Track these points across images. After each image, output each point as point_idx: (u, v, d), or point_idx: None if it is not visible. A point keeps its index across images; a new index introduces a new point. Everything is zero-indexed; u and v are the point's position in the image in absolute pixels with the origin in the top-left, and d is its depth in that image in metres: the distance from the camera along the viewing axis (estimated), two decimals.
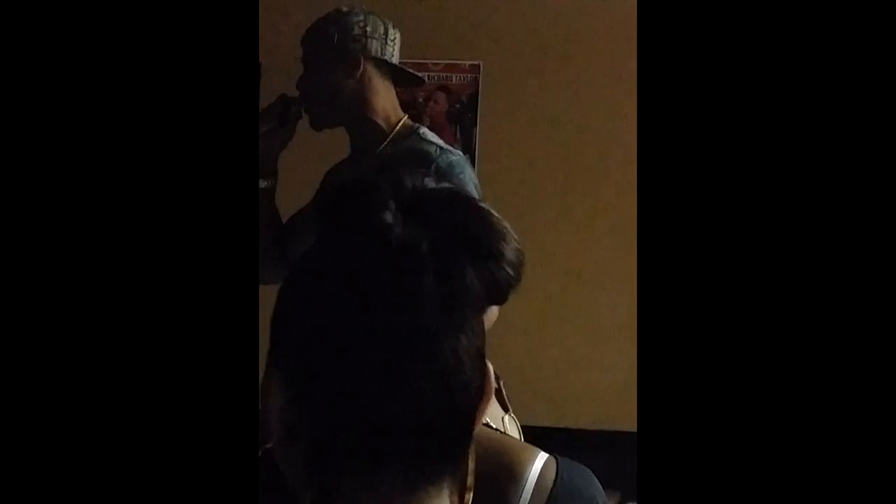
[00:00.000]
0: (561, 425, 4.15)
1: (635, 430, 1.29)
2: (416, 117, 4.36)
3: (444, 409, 1.01)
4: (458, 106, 4.40)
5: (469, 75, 4.40)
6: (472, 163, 4.36)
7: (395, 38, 2.98)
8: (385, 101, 2.99)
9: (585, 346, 4.28)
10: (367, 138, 2.97)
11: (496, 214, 1.03)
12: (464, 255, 0.99)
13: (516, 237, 1.03)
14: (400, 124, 2.98)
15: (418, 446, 1.01)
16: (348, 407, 0.99)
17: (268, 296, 1.11)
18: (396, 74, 3.01)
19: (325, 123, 3.02)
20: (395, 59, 2.99)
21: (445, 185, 1.05)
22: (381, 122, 2.97)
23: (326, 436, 1.01)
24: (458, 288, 0.99)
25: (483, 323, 1.04)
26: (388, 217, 1.00)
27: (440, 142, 2.97)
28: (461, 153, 2.99)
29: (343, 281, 0.99)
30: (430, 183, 1.04)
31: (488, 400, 1.07)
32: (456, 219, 1.01)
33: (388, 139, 2.95)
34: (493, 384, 1.10)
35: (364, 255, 0.99)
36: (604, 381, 4.20)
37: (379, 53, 2.95)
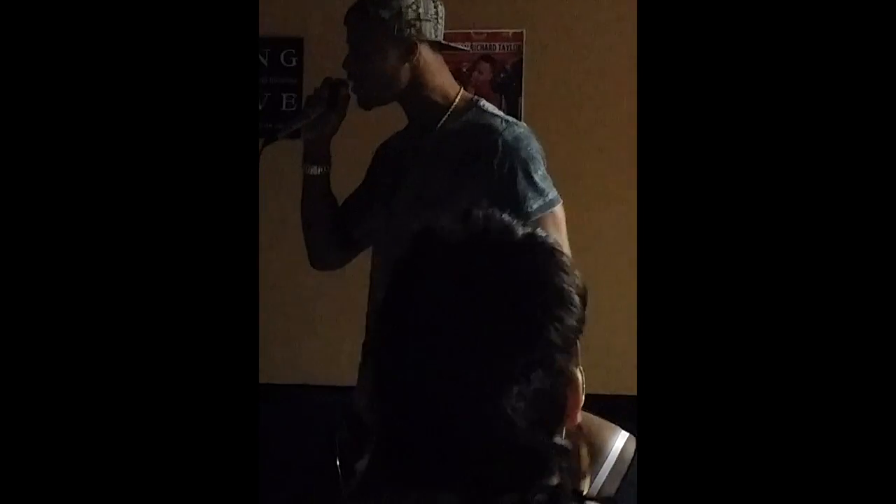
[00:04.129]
0: None
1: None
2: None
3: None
4: (502, 75, 4.38)
5: (513, 43, 4.38)
6: None
7: (443, 15, 2.93)
8: (441, 77, 2.94)
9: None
10: (424, 113, 2.92)
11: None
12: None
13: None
14: (458, 98, 2.93)
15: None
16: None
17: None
18: (444, 47, 2.98)
19: (377, 103, 2.96)
20: (442, 35, 2.95)
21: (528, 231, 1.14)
22: (438, 97, 2.91)
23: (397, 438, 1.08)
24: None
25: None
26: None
27: (502, 114, 2.93)
28: (525, 125, 2.94)
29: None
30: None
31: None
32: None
33: (447, 113, 2.90)
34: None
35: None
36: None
37: (433, 35, 2.90)
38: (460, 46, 2.95)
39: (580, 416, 1.30)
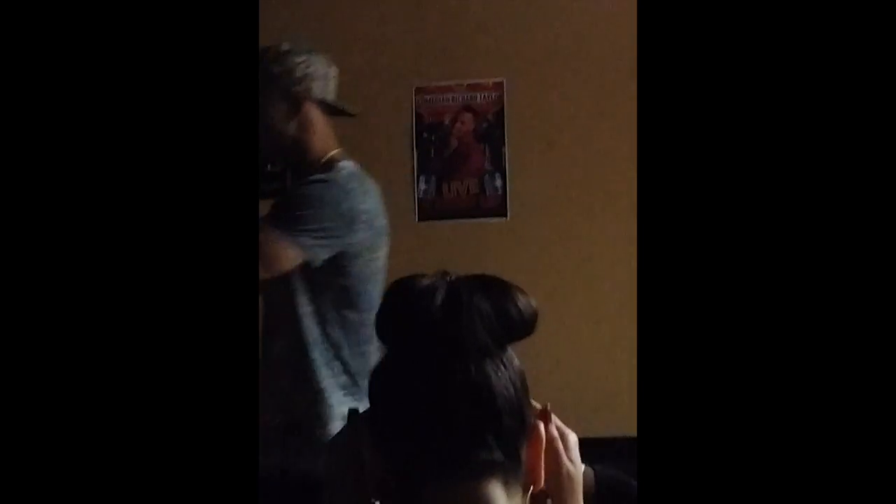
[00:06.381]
0: None
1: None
2: (443, 139, 4.38)
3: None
4: (485, 125, 4.38)
5: (493, 93, 4.36)
6: (503, 179, 4.36)
7: (335, 76, 2.95)
8: (322, 136, 2.96)
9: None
10: (300, 170, 2.98)
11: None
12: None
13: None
14: (327, 158, 2.96)
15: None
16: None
17: None
18: (333, 108, 2.99)
19: (268, 160, 3.05)
20: (334, 95, 2.97)
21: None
22: (313, 156, 2.96)
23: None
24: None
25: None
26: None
27: (345, 170, 2.92)
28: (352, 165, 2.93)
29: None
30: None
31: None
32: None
33: (314, 173, 2.92)
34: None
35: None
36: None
37: (320, 94, 2.92)
38: (348, 110, 3.00)
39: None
